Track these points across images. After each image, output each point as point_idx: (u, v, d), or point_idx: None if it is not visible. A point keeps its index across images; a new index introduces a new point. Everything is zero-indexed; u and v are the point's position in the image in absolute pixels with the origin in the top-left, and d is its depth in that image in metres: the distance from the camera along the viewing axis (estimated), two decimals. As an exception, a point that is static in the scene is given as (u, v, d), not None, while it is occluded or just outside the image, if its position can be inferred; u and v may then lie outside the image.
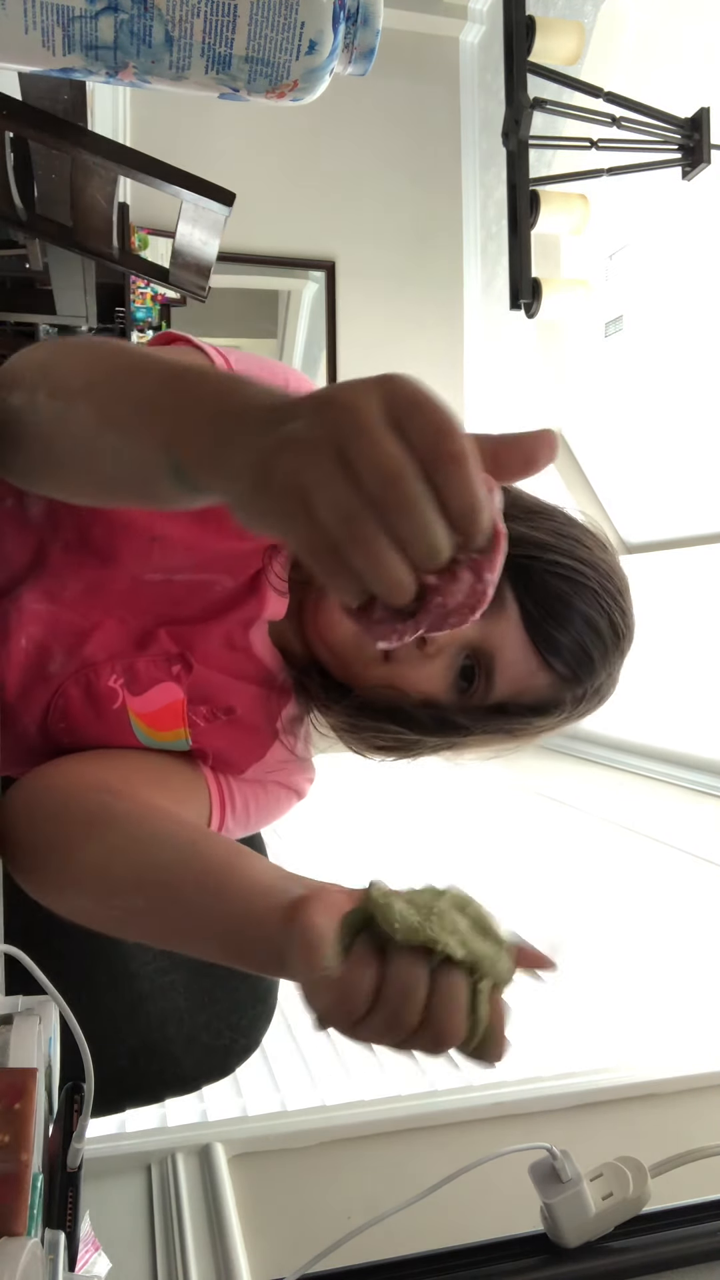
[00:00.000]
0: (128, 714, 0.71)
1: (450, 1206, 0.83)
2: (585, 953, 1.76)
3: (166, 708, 0.72)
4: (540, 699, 0.73)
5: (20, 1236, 0.41)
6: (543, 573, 0.70)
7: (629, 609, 0.75)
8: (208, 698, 0.74)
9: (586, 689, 0.73)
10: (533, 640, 0.70)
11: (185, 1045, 0.95)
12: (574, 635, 0.70)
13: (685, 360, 2.68)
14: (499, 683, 0.72)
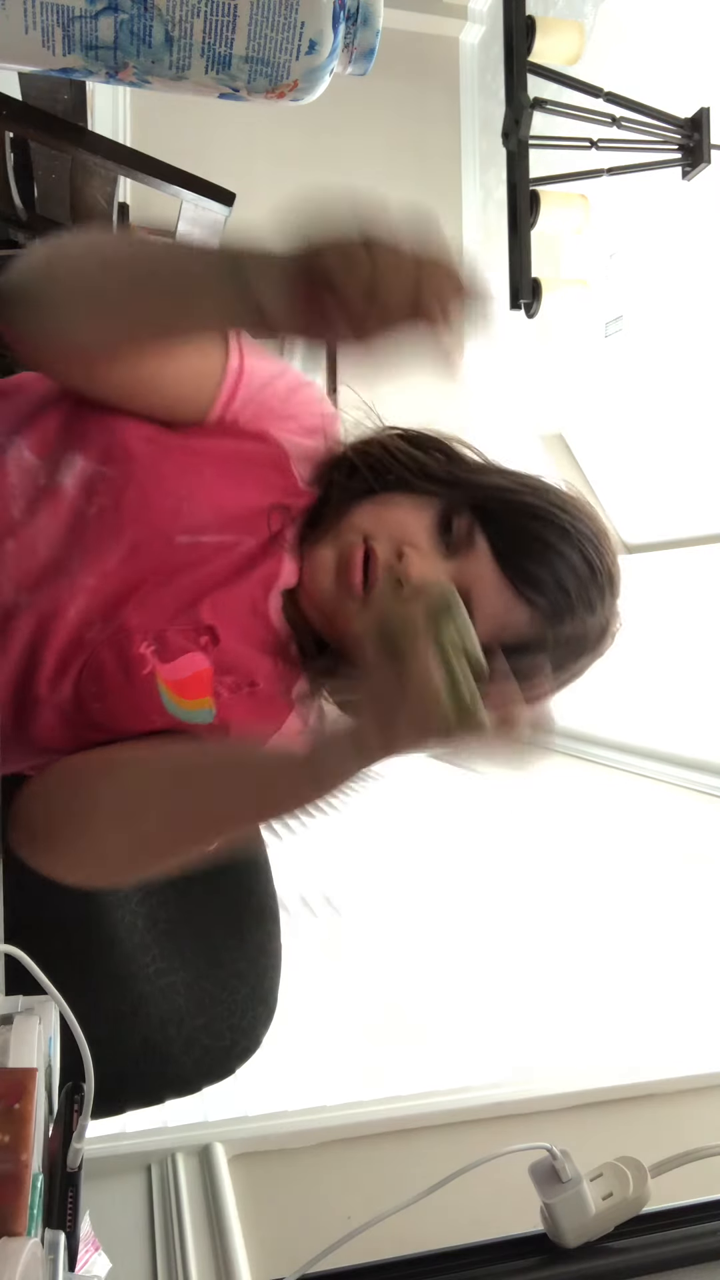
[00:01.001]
0: (156, 681, 0.73)
1: (450, 1206, 0.83)
2: (585, 953, 1.76)
3: (194, 676, 0.74)
4: (522, 636, 0.75)
5: (20, 1236, 0.41)
6: (512, 512, 0.74)
7: (606, 549, 0.77)
8: (233, 669, 0.76)
9: (567, 626, 0.75)
10: (505, 574, 0.73)
11: (185, 1046, 0.95)
12: (545, 567, 0.73)
13: (685, 360, 2.68)
14: (478, 621, 0.72)
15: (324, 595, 0.76)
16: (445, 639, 0.57)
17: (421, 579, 0.72)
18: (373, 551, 0.73)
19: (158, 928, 0.99)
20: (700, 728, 2.59)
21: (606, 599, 0.78)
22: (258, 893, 1.07)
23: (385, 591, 0.65)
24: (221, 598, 0.76)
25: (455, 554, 0.74)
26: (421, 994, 1.63)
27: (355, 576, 0.73)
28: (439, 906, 2.03)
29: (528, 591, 0.73)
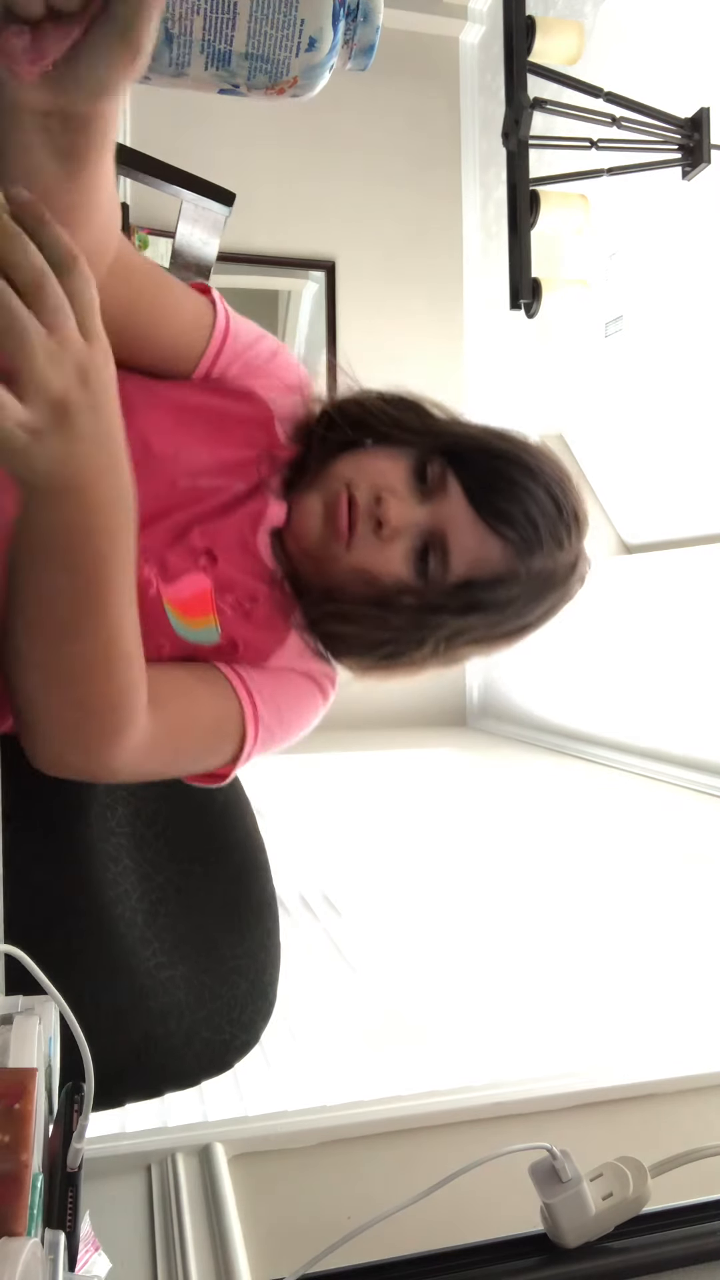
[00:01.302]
0: (162, 601, 0.76)
1: (450, 1206, 0.83)
2: (585, 952, 1.76)
3: (196, 595, 0.78)
4: (497, 570, 0.80)
5: (20, 1236, 0.41)
6: (481, 455, 0.80)
7: (570, 490, 0.82)
8: (232, 588, 0.80)
9: (538, 560, 0.80)
10: (477, 511, 0.79)
11: (185, 1040, 0.95)
12: (514, 503, 0.78)
13: (685, 360, 2.68)
14: (454, 558, 0.80)
15: (311, 539, 0.80)
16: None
17: (399, 522, 0.78)
18: (354, 498, 0.78)
19: (158, 922, 0.99)
20: (700, 728, 2.60)
21: (574, 536, 0.82)
22: (257, 889, 1.07)
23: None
24: (214, 528, 0.80)
25: (430, 497, 0.80)
26: (422, 994, 1.63)
27: (342, 522, 0.78)
28: (439, 906, 2.03)
29: (499, 526, 0.78)
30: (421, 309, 3.99)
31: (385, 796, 3.04)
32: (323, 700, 0.89)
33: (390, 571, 0.79)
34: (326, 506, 0.79)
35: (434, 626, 0.81)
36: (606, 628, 2.98)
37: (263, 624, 0.82)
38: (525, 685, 3.64)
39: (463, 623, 0.82)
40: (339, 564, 0.80)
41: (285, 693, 0.84)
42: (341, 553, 0.79)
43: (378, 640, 0.83)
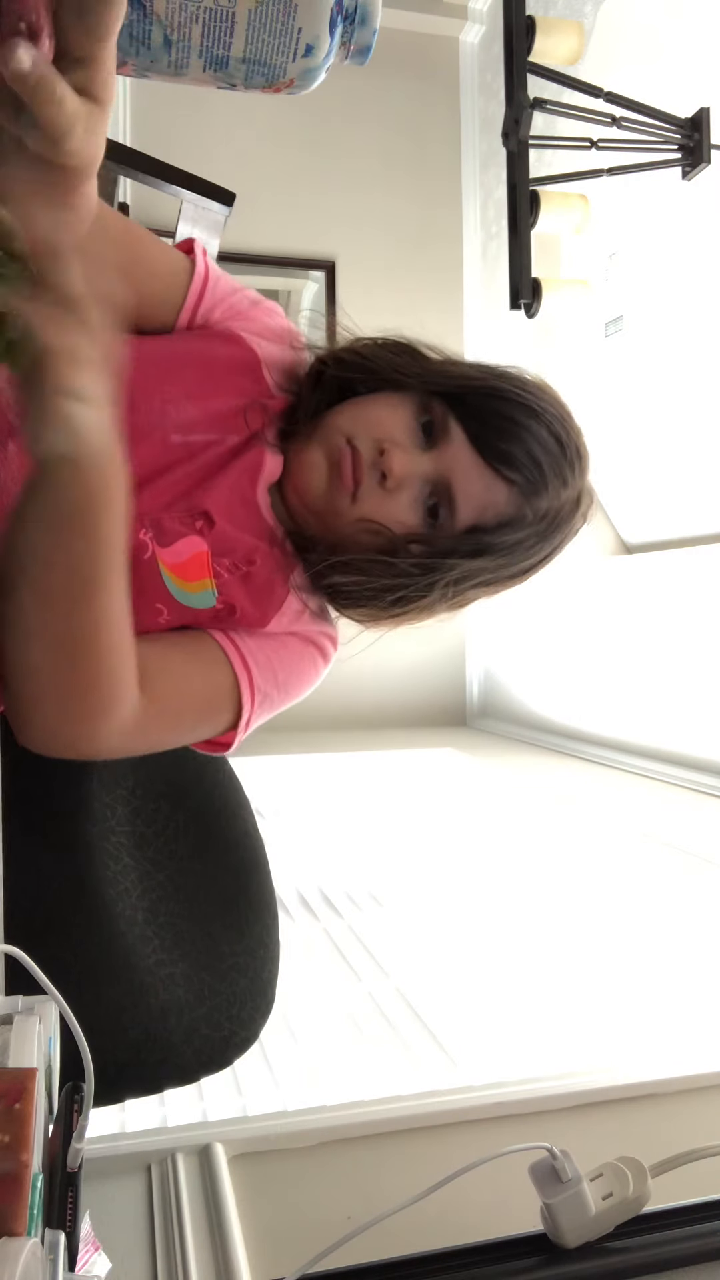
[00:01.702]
0: (158, 564, 0.76)
1: (450, 1206, 0.83)
2: (585, 952, 1.76)
3: (193, 558, 0.78)
4: (503, 513, 0.79)
5: (20, 1236, 0.41)
6: (481, 397, 0.79)
7: (572, 427, 0.82)
8: (229, 551, 0.79)
9: (544, 500, 0.79)
10: (482, 456, 0.77)
11: (185, 1036, 0.96)
12: (518, 444, 0.77)
13: (685, 360, 2.68)
14: (461, 505, 0.79)
15: (315, 494, 0.79)
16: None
17: (404, 472, 0.76)
18: (356, 450, 0.78)
19: (158, 920, 1.00)
20: (700, 728, 2.60)
21: (577, 472, 0.82)
22: (256, 887, 1.07)
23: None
24: (211, 486, 0.79)
25: (433, 445, 0.79)
26: (422, 994, 1.63)
27: (346, 475, 0.77)
28: (439, 906, 2.03)
29: (504, 470, 0.78)
30: (421, 309, 3.98)
31: (385, 796, 3.04)
32: (324, 662, 0.88)
33: (398, 521, 0.79)
34: (329, 460, 0.78)
35: (442, 571, 0.80)
36: (606, 628, 2.98)
37: (261, 587, 0.81)
38: (525, 685, 3.64)
39: (471, 565, 0.81)
40: (344, 517, 0.79)
41: (283, 657, 0.83)
42: (346, 506, 0.78)
43: (386, 588, 0.82)
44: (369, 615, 0.86)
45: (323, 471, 0.78)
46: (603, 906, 1.98)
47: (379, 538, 0.79)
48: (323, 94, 0.76)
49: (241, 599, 0.80)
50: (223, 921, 1.04)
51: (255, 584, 0.81)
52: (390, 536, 0.79)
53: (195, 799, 1.06)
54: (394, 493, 0.78)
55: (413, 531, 0.79)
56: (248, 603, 0.81)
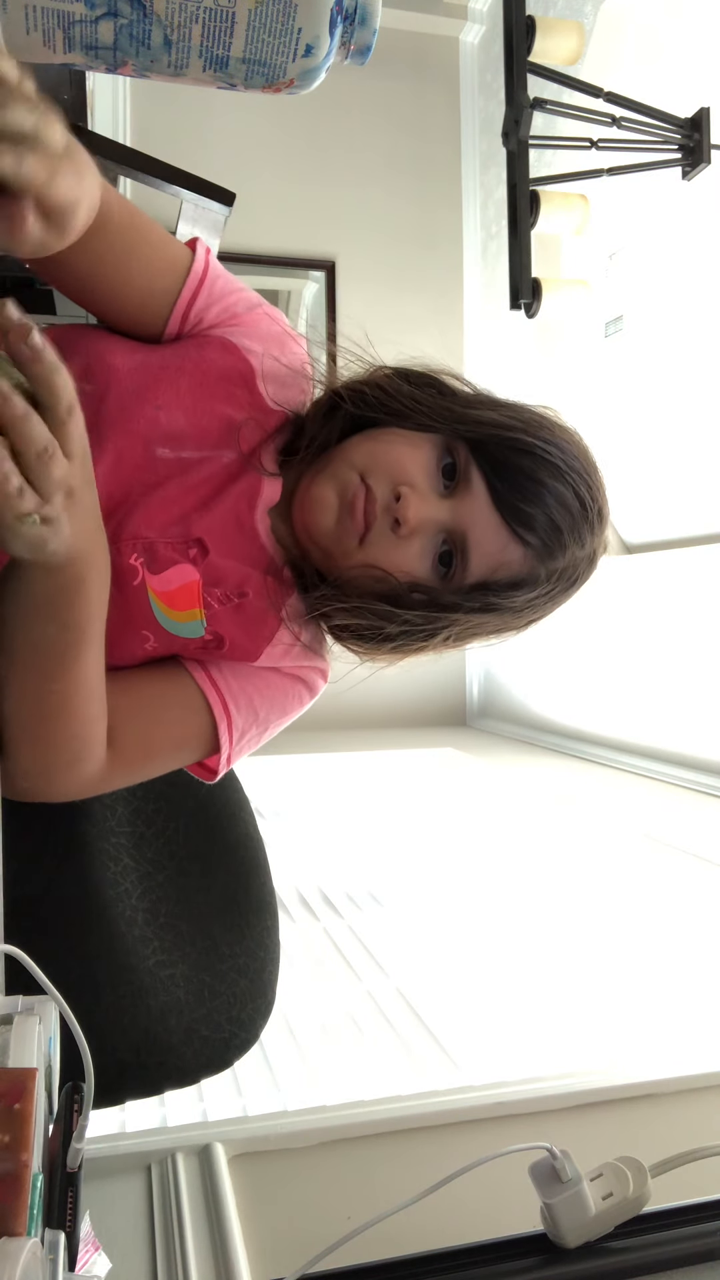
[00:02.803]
0: (147, 591, 0.75)
1: (450, 1206, 0.83)
2: (585, 952, 1.76)
3: (183, 588, 0.76)
4: (516, 574, 0.76)
5: (20, 1236, 0.41)
6: (506, 450, 0.74)
7: (597, 485, 0.77)
8: (222, 581, 0.77)
9: (559, 562, 0.76)
10: (501, 514, 0.74)
11: (185, 1037, 0.96)
12: (540, 507, 0.74)
13: (685, 360, 2.68)
14: (474, 560, 0.76)
15: (322, 531, 0.76)
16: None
17: (419, 521, 0.73)
18: (370, 491, 0.74)
19: (158, 921, 1.00)
20: (700, 728, 2.60)
21: (596, 532, 0.79)
22: (256, 888, 1.07)
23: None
24: (208, 511, 0.77)
25: (452, 494, 0.76)
26: (422, 994, 1.63)
27: (358, 518, 0.74)
28: (439, 906, 2.03)
29: (522, 532, 0.74)
30: (421, 309, 3.99)
31: (385, 796, 3.04)
32: (310, 697, 0.86)
33: (405, 570, 0.76)
34: (341, 498, 0.74)
35: (445, 623, 0.78)
36: (606, 628, 2.98)
37: (253, 618, 0.79)
38: (525, 685, 3.64)
39: (475, 619, 0.79)
40: (350, 558, 0.76)
41: (266, 695, 0.82)
42: (354, 547, 0.75)
43: (386, 633, 0.80)
44: (366, 650, 0.84)
45: (333, 510, 0.75)
46: (602, 907, 1.98)
47: (384, 583, 0.76)
48: (323, 94, 0.76)
49: (232, 630, 0.78)
50: (222, 922, 1.04)
51: (247, 615, 0.78)
52: (395, 583, 0.76)
53: (195, 799, 1.06)
54: (405, 540, 0.74)
55: (419, 581, 0.77)
56: (238, 634, 0.79)
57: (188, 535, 0.76)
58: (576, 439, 0.79)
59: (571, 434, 0.80)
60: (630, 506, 3.05)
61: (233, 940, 1.04)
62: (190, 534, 0.76)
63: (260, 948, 1.05)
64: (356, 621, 0.79)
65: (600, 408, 3.12)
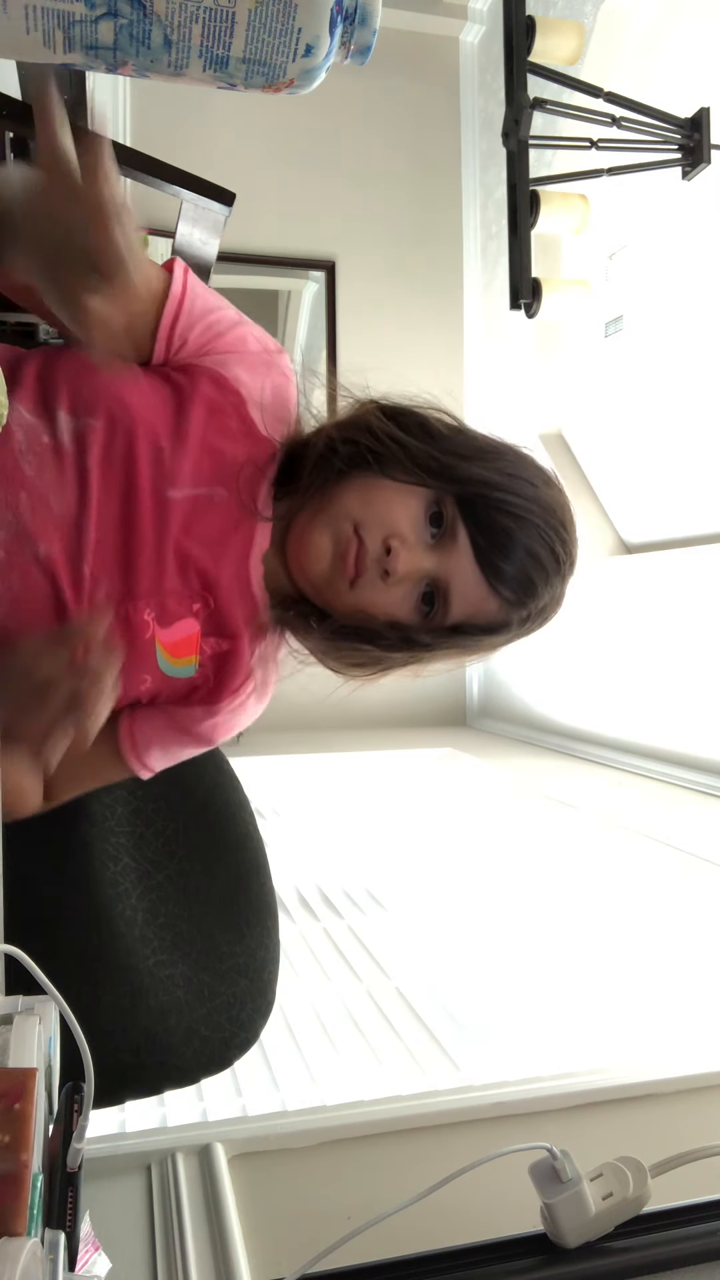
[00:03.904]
0: (155, 643, 0.81)
1: (450, 1206, 0.83)
2: (585, 952, 1.76)
3: (186, 639, 0.82)
4: (490, 621, 0.83)
5: (20, 1236, 0.41)
6: (491, 510, 0.79)
7: (570, 539, 0.83)
8: (217, 632, 0.83)
9: (530, 610, 0.83)
10: (482, 570, 0.80)
11: (185, 1037, 0.96)
12: (518, 565, 0.79)
13: (685, 360, 2.68)
14: (454, 607, 0.81)
15: (316, 575, 0.81)
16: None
17: (406, 572, 0.79)
18: (363, 542, 0.79)
19: (158, 921, 1.00)
20: (700, 728, 2.60)
21: (566, 579, 0.84)
22: (256, 888, 1.07)
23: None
24: (213, 566, 0.81)
25: (438, 544, 0.80)
26: (422, 994, 1.63)
27: (349, 567, 0.79)
28: (439, 906, 2.03)
29: (501, 588, 0.80)
30: (421, 309, 3.99)
31: (385, 796, 3.04)
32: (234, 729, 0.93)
33: (390, 613, 0.81)
34: (335, 547, 0.79)
35: (418, 651, 0.84)
36: (606, 628, 2.98)
37: (231, 666, 0.85)
38: (525, 685, 3.64)
39: (449, 651, 0.85)
40: (342, 600, 0.81)
41: (188, 749, 0.90)
42: (345, 590, 0.80)
43: (363, 661, 0.86)
44: (344, 672, 0.89)
45: (327, 558, 0.80)
46: (602, 907, 1.98)
47: (368, 621, 0.82)
48: (323, 94, 0.76)
49: (214, 675, 0.85)
50: (222, 922, 1.04)
51: (228, 663, 0.84)
52: (378, 623, 0.82)
53: (195, 799, 1.06)
54: (393, 586, 0.80)
55: (401, 621, 0.82)
56: (216, 678, 0.85)
57: (195, 590, 0.81)
58: (555, 494, 0.84)
59: (548, 480, 0.84)
60: (630, 506, 3.05)
61: (233, 940, 1.04)
62: (197, 589, 0.81)
63: (260, 947, 1.05)
64: (336, 650, 0.85)
65: (600, 408, 3.12)
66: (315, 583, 0.82)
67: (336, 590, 0.81)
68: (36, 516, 0.75)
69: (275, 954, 1.07)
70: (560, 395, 3.35)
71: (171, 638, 0.81)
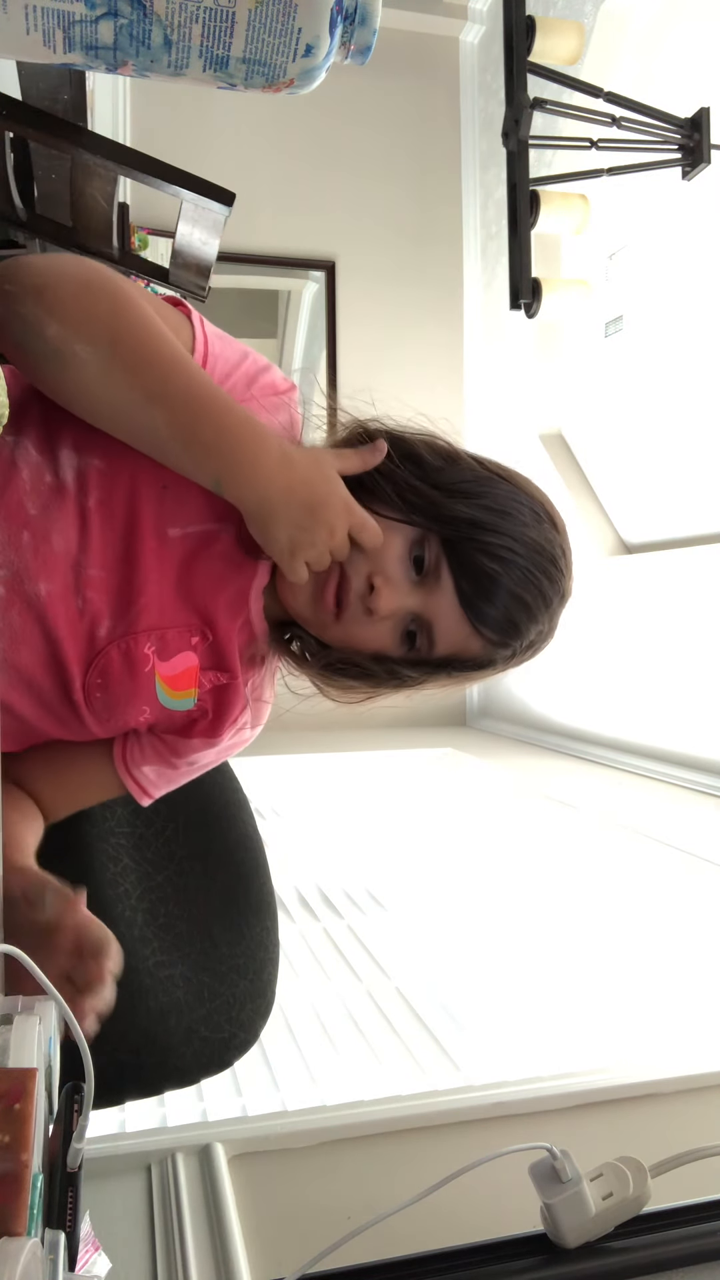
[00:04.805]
0: (155, 676, 0.80)
1: (450, 1206, 0.83)
2: (585, 953, 1.76)
3: (184, 672, 0.82)
4: (476, 658, 0.82)
5: (20, 1236, 0.41)
6: (475, 553, 0.78)
7: (561, 574, 0.81)
8: (216, 665, 0.83)
9: (515, 649, 0.82)
10: (465, 612, 0.78)
11: (185, 1038, 0.96)
12: (500, 609, 0.78)
13: (685, 360, 2.68)
14: (439, 644, 0.81)
15: (299, 609, 0.81)
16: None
17: (389, 610, 0.78)
18: (346, 577, 0.78)
19: (157, 921, 1.00)
20: (700, 728, 2.60)
21: (555, 613, 0.83)
22: (256, 888, 1.07)
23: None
24: (213, 601, 0.81)
25: (422, 585, 0.79)
26: (422, 994, 1.63)
27: (329, 604, 0.78)
28: (439, 907, 2.03)
29: (483, 630, 0.79)
30: (421, 309, 3.99)
31: (385, 797, 3.04)
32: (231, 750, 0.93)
33: (375, 647, 0.81)
34: (316, 585, 0.78)
35: (409, 681, 0.84)
36: (606, 628, 2.98)
37: (228, 700, 0.85)
38: (525, 685, 3.64)
39: (436, 681, 0.86)
40: (327, 632, 0.81)
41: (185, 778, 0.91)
42: (330, 623, 0.80)
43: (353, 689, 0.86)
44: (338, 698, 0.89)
45: (306, 592, 0.79)
46: (602, 907, 1.98)
47: (355, 654, 0.82)
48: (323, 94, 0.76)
49: (210, 708, 0.85)
50: (222, 923, 1.04)
51: (225, 696, 0.85)
52: (365, 655, 0.82)
53: (194, 800, 1.06)
54: (376, 623, 0.79)
55: (386, 654, 0.82)
56: (212, 713, 0.85)
57: (194, 624, 0.80)
58: (544, 523, 0.81)
59: (538, 515, 0.81)
60: (630, 506, 3.05)
61: (233, 940, 1.04)
62: (196, 623, 0.80)
63: (260, 948, 1.05)
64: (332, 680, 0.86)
65: (600, 408, 3.12)
66: (299, 616, 0.82)
67: (321, 624, 0.81)
68: (37, 556, 0.75)
69: (275, 955, 1.07)
70: (560, 395, 3.35)
71: (171, 671, 0.81)
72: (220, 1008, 1.00)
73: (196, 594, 0.80)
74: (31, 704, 0.80)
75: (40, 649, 0.77)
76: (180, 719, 0.84)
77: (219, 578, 0.81)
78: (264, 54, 0.56)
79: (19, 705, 0.80)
